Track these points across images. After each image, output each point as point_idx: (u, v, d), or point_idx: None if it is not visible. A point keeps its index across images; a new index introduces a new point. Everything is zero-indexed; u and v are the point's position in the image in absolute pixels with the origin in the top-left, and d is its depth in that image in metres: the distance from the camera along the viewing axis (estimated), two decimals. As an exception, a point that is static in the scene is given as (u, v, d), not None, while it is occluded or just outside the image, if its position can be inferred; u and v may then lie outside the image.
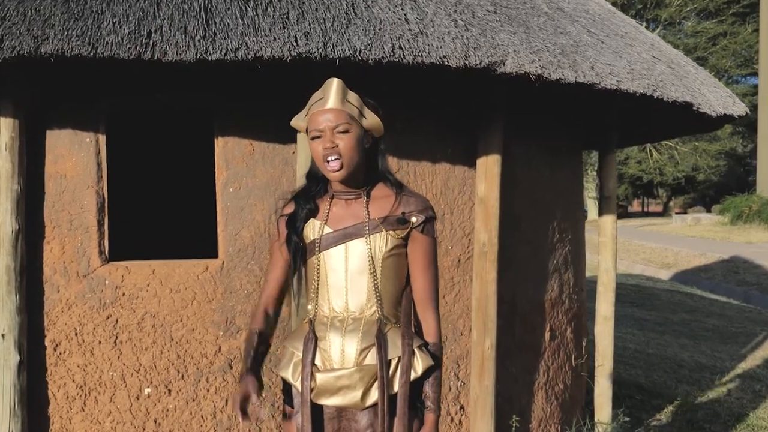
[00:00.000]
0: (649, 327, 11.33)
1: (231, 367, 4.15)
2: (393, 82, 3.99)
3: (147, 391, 4.10)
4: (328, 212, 2.56)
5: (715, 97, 4.75)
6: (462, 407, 4.59)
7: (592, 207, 34.83)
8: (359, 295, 2.53)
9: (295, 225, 2.57)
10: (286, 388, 2.65)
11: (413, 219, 2.52)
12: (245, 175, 4.16)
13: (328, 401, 2.52)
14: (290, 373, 2.57)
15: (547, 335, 5.13)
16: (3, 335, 3.85)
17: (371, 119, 2.54)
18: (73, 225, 4.04)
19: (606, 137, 5.50)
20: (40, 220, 4.02)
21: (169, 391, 4.12)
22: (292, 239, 2.56)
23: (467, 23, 3.90)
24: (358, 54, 3.52)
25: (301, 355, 2.54)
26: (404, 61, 3.58)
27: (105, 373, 4.07)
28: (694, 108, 4.53)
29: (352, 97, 2.52)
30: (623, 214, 42.42)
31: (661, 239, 25.77)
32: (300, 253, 2.57)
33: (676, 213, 40.21)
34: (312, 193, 2.60)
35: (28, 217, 3.96)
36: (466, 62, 3.69)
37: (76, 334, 4.05)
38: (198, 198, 6.76)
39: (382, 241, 2.51)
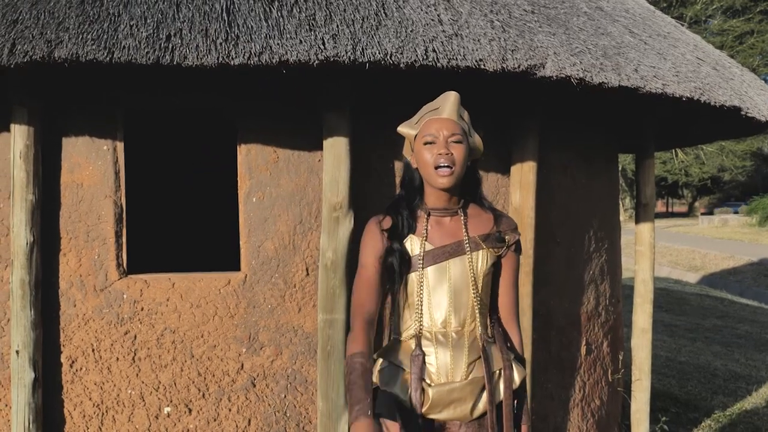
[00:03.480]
0: (679, 333, 11.09)
1: (254, 386, 3.97)
2: (422, 83, 3.80)
3: (167, 410, 3.92)
4: (427, 229, 2.58)
5: (762, 101, 4.52)
6: (495, 426, 4.39)
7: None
8: (461, 310, 2.57)
9: (399, 237, 2.57)
10: (385, 400, 2.60)
11: (507, 237, 2.62)
12: (269, 184, 3.98)
13: (440, 415, 2.53)
14: (399, 389, 2.56)
15: (583, 349, 4.91)
16: (17, 351, 3.71)
17: (476, 139, 2.61)
18: (90, 236, 3.88)
19: (644, 141, 5.27)
20: (55, 231, 3.87)
21: (190, 410, 3.94)
22: (397, 251, 2.56)
23: (504, 24, 3.69)
24: (389, 57, 3.34)
25: (407, 370, 2.56)
26: (438, 64, 3.40)
27: (123, 391, 3.90)
28: (743, 112, 4.30)
29: (466, 114, 2.62)
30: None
31: (687, 241, 25.48)
32: (404, 268, 2.58)
33: (702, 214, 39.83)
34: (413, 206, 2.60)
35: (44, 228, 3.81)
36: (504, 65, 3.49)
37: (93, 351, 3.89)
38: (220, 208, 6.61)
39: (483, 259, 2.59)
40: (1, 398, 3.86)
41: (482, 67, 3.47)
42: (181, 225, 7.33)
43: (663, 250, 23.07)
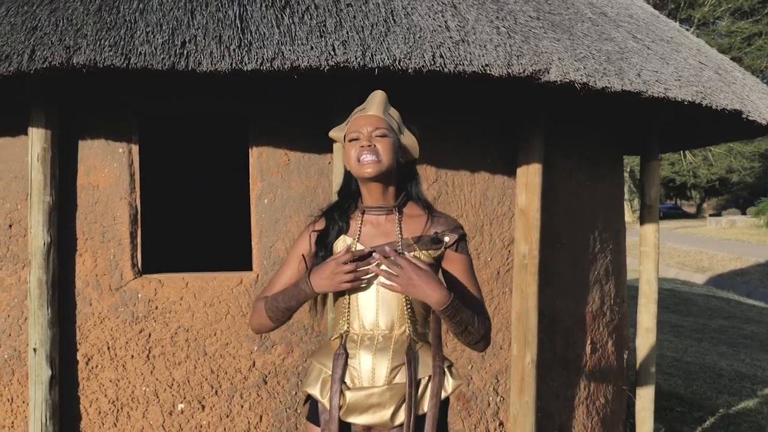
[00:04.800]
0: (686, 334, 11.15)
1: (265, 383, 4.06)
2: (431, 89, 3.88)
3: (180, 406, 4.01)
4: (360, 230, 2.54)
5: (764, 104, 4.58)
6: (501, 423, 4.47)
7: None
8: (390, 313, 2.49)
9: (325, 242, 2.55)
10: (311, 404, 2.60)
11: (446, 239, 2.52)
12: (280, 186, 4.07)
13: (357, 419, 2.46)
14: (318, 390, 2.52)
15: (588, 348, 4.99)
16: (35, 349, 3.79)
17: (409, 138, 2.57)
18: (106, 237, 3.97)
19: (647, 143, 5.35)
20: (72, 232, 3.96)
21: (203, 406, 4.03)
22: (321, 258, 2.54)
23: (510, 30, 3.77)
24: (397, 63, 3.41)
25: (329, 371, 2.50)
26: (445, 70, 3.46)
27: (138, 388, 4.00)
28: (744, 116, 4.37)
29: (394, 111, 2.58)
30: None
31: (695, 242, 25.47)
32: None
33: (710, 215, 39.78)
34: (344, 209, 2.58)
35: (60, 229, 3.90)
36: (509, 71, 3.57)
37: (108, 348, 3.98)
38: (232, 210, 6.70)
39: None
40: (18, 395, 3.95)
41: (488, 72, 3.54)
42: (195, 226, 7.44)
43: (671, 251, 23.09)
